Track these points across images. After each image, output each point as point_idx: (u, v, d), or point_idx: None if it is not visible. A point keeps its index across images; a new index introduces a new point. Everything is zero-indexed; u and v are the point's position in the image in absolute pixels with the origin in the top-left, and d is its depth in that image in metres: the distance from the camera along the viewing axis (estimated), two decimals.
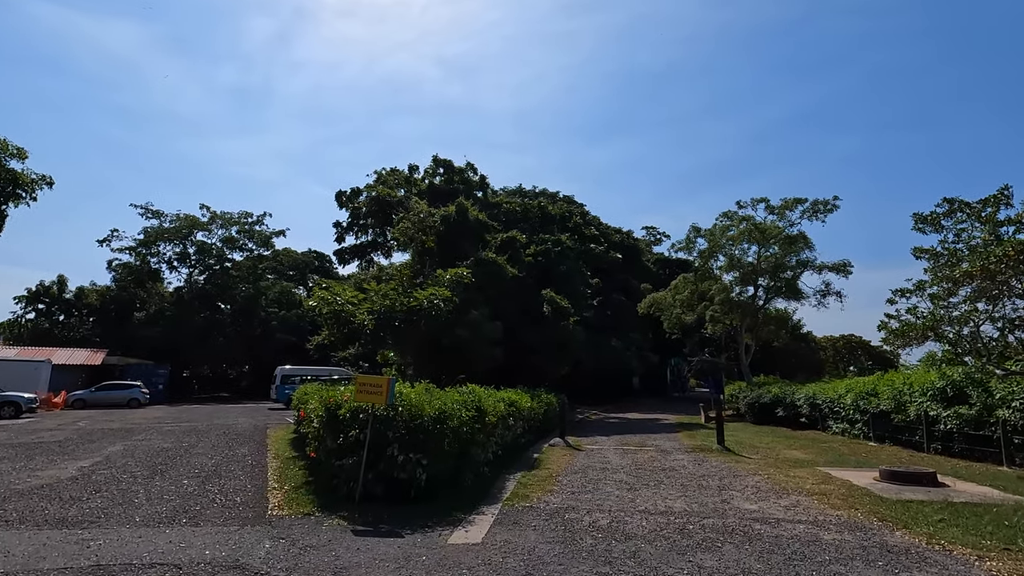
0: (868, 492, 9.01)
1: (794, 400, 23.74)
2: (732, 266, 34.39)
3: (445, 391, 10.37)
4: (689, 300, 35.47)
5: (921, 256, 16.60)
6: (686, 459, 13.46)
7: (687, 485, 9.94)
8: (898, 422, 16.33)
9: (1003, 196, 14.54)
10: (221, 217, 61.78)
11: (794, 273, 33.28)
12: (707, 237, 35.12)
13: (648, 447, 15.98)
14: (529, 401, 16.19)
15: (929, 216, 15.62)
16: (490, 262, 23.28)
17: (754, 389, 27.98)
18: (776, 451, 15.58)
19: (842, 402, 19.55)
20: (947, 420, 14.38)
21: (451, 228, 25.27)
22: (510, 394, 14.17)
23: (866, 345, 71.69)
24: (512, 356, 25.02)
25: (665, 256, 67.13)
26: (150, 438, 17.25)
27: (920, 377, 16.19)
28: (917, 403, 15.64)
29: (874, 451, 15.58)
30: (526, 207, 35.40)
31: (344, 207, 32.91)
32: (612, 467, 12.02)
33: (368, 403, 8.12)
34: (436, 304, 16.90)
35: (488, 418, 10.39)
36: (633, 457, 13.70)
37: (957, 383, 14.73)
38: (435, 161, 35.81)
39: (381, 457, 8.04)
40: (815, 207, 32.28)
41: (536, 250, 29.44)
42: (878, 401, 17.29)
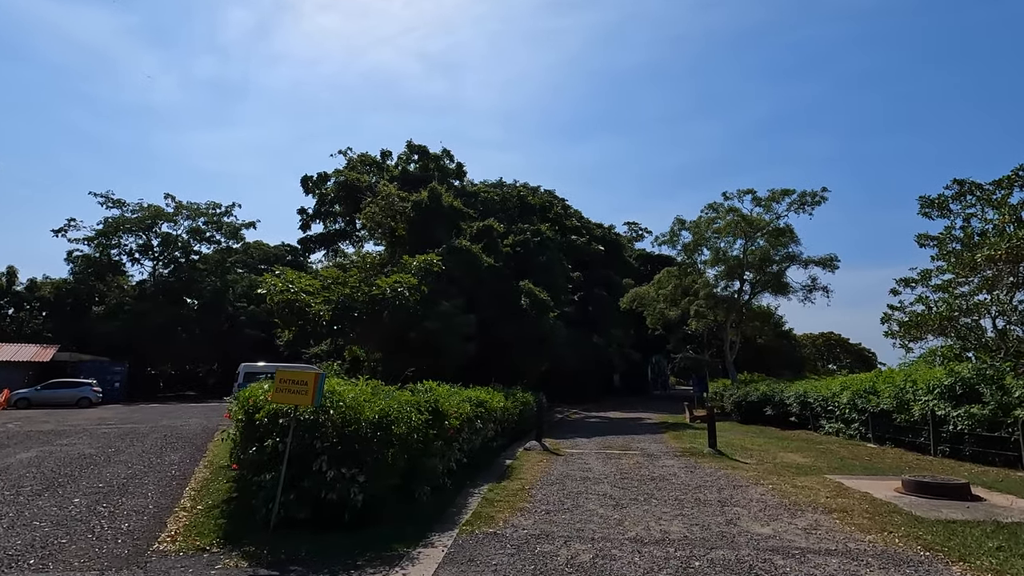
0: (897, 509, 7.61)
1: (783, 398, 22.57)
2: (717, 260, 33.24)
3: (400, 389, 8.71)
4: (673, 295, 34.23)
5: (926, 244, 15.42)
6: (676, 465, 12.01)
7: (682, 500, 8.45)
8: (900, 422, 15.14)
9: (1017, 177, 13.35)
10: (187, 207, 59.00)
11: (780, 267, 32.27)
12: (692, 230, 33.90)
13: (633, 451, 14.53)
14: (502, 401, 14.61)
15: (936, 199, 14.42)
16: (464, 250, 21.62)
17: (740, 387, 26.81)
18: (772, 454, 14.25)
19: (837, 401, 18.36)
20: (957, 420, 13.17)
21: (423, 215, 23.54)
22: (479, 393, 12.58)
23: (845, 343, 71.75)
24: (487, 351, 23.43)
25: (647, 252, 66.12)
26: (75, 443, 15.24)
27: (924, 374, 15.01)
28: (922, 402, 14.43)
29: (877, 454, 14.35)
30: (505, 196, 33.78)
31: (310, 193, 30.89)
32: (594, 476, 10.50)
33: (289, 404, 6.44)
34: (401, 293, 15.23)
35: (449, 421, 8.78)
36: (617, 463, 12.21)
37: (967, 380, 13.54)
38: (409, 147, 33.96)
39: (306, 472, 6.37)
40: (802, 199, 31.27)
41: (514, 240, 27.86)
42: (878, 400, 16.08)
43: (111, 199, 56.25)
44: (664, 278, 34.74)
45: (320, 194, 30.12)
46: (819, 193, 30.59)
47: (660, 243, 36.21)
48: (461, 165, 34.55)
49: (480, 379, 19.98)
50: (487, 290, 23.75)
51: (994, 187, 13.58)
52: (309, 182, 30.16)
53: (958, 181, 14.09)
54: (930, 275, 14.77)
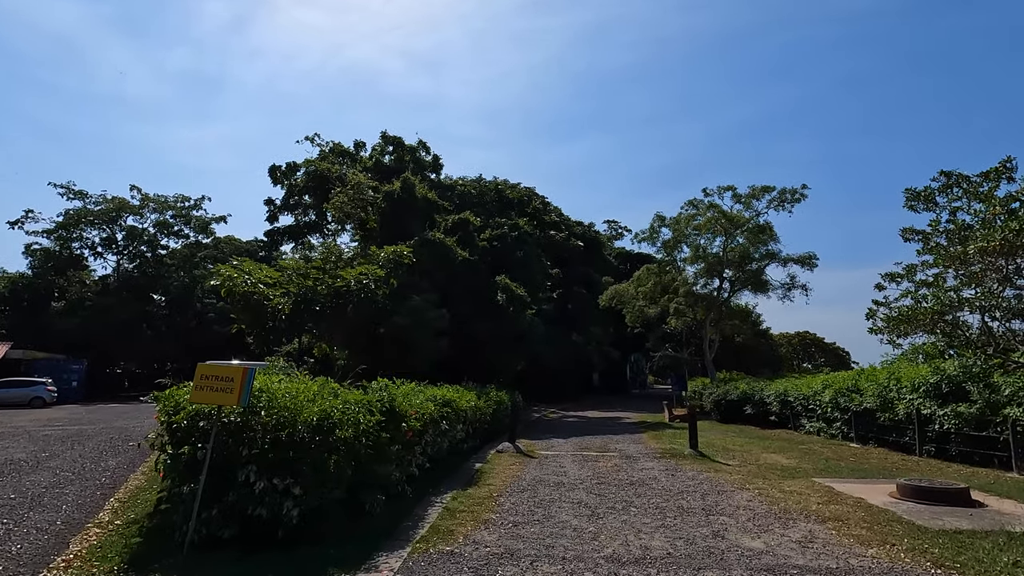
0: (896, 517, 6.99)
1: (763, 397, 22.19)
2: (697, 257, 32.87)
3: (354, 388, 7.82)
4: (652, 292, 33.77)
5: (911, 238, 15.00)
6: (657, 468, 11.32)
7: (664, 508, 7.72)
8: (884, 421, 14.70)
9: (1005, 169, 12.98)
10: (154, 200, 56.90)
11: (759, 265, 32.03)
12: (672, 226, 33.48)
13: (611, 452, 13.82)
14: (474, 400, 13.78)
15: (923, 192, 13.99)
16: (437, 243, 20.68)
17: (720, 386, 26.41)
18: (754, 455, 13.68)
19: (818, 399, 17.94)
20: (944, 420, 12.74)
21: (395, 206, 22.55)
22: (446, 391, 11.72)
23: (820, 342, 72.57)
24: (462, 349, 22.57)
25: (627, 250, 65.87)
26: (8, 446, 13.96)
27: (909, 372, 14.60)
28: (907, 401, 14.01)
29: (860, 454, 13.88)
30: (482, 190, 32.87)
31: (279, 184, 29.54)
32: (569, 481, 9.73)
33: (212, 405, 5.53)
34: (366, 286, 14.27)
35: (408, 423, 7.91)
36: (594, 466, 11.47)
37: (954, 378, 13.12)
38: (384, 138, 32.84)
39: (231, 484, 5.46)
40: (782, 196, 31.01)
41: (491, 234, 27.01)
42: (861, 399, 15.65)
43: (72, 190, 53.94)
44: (644, 275, 34.26)
45: (289, 185, 28.85)
46: (799, 190, 30.38)
47: (640, 240, 35.75)
48: (438, 158, 33.54)
49: (454, 377, 19.12)
50: (462, 285, 22.88)
51: (981, 179, 13.19)
52: (278, 172, 28.83)
53: (945, 173, 13.69)
54: (915, 270, 14.33)
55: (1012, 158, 12.89)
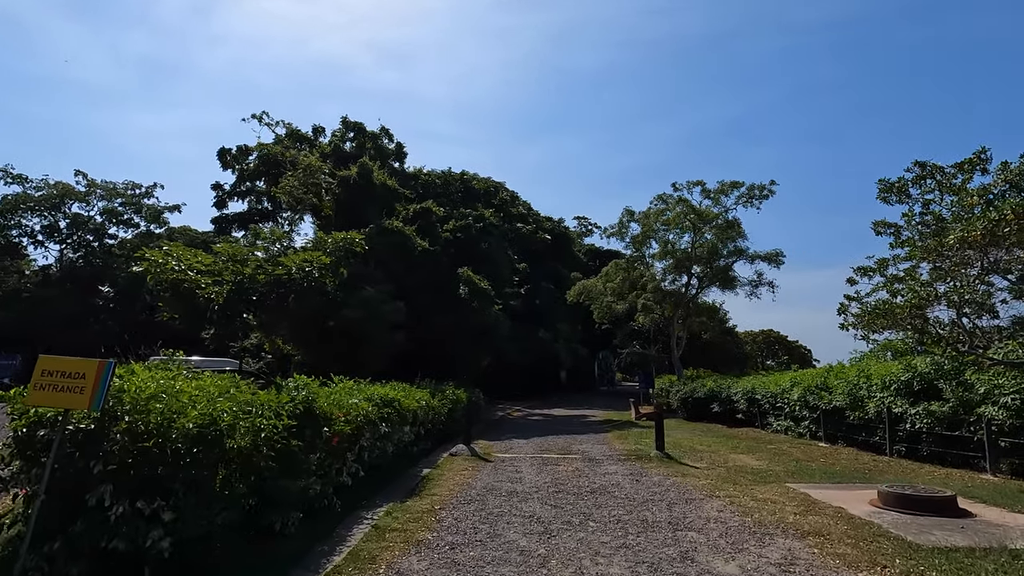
0: (882, 531, 6.24)
1: (730, 395, 21.73)
2: (666, 252, 32.41)
3: (277, 387, 6.67)
4: (620, 288, 33.18)
5: (883, 232, 14.57)
6: (620, 472, 10.47)
7: (626, 522, 6.83)
8: (854, 420, 14.24)
9: (979, 160, 12.57)
10: (102, 187, 53.74)
11: (727, 262, 31.77)
12: (641, 221, 32.94)
13: (573, 454, 12.94)
14: (425, 399, 12.71)
15: (896, 183, 13.53)
16: (395, 232, 19.45)
17: (687, 383, 25.94)
18: (722, 456, 13.00)
19: (786, 397, 17.47)
20: (915, 419, 12.28)
21: (352, 193, 21.21)
22: (391, 390, 10.62)
23: (783, 340, 73.64)
24: (421, 344, 21.44)
25: (596, 247, 65.57)
26: None
27: (880, 369, 14.17)
28: (877, 399, 13.55)
29: (830, 455, 13.35)
30: (447, 180, 31.67)
31: (229, 168, 27.72)
32: (524, 489, 8.78)
33: (57, 408, 4.35)
34: (310, 274, 13.03)
35: (335, 427, 6.82)
36: (554, 471, 10.55)
37: (925, 375, 12.68)
38: (345, 124, 31.27)
39: (79, 509, 4.29)
40: (751, 192, 30.77)
41: (455, 225, 25.88)
42: (831, 397, 15.18)
43: (10, 174, 50.46)
44: (612, 271, 33.66)
45: (241, 170, 27.11)
46: (767, 186, 30.15)
47: (608, 235, 35.11)
48: (401, 146, 32.16)
49: (412, 374, 18.03)
50: (422, 277, 21.74)
51: (956, 170, 12.76)
52: (228, 155, 27.00)
53: (919, 163, 13.25)
54: (887, 264, 13.86)
55: (986, 149, 12.49)
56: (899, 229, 14.20)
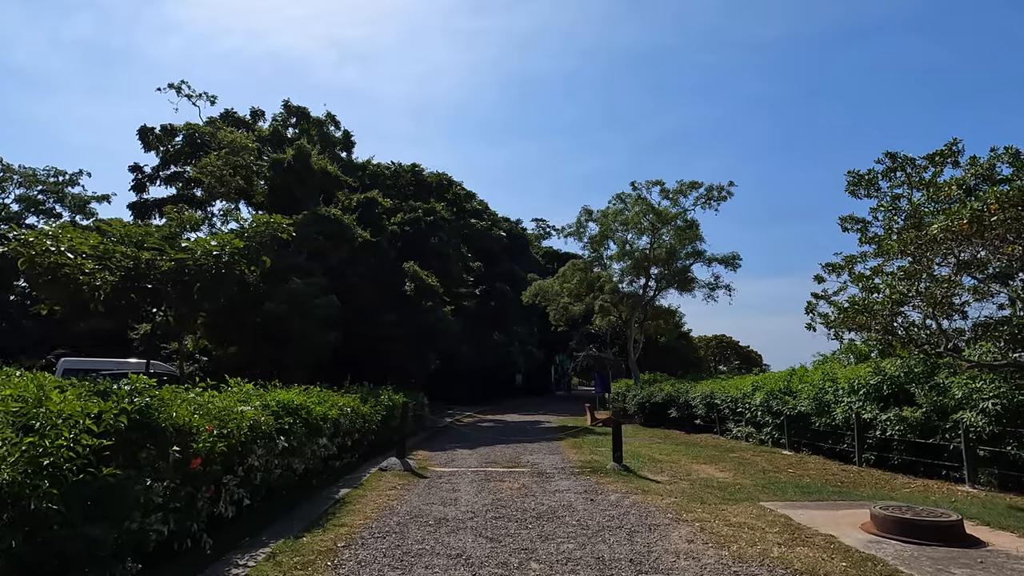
0: (891, 569, 5.07)
1: (688, 400, 20.85)
2: (624, 254, 31.60)
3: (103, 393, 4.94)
4: (577, 289, 32.13)
5: (850, 228, 13.86)
6: (573, 490, 9.11)
7: (578, 560, 5.44)
8: (820, 426, 13.41)
9: (950, 152, 11.93)
10: (19, 172, 49.08)
11: (684, 265, 31.20)
12: (599, 221, 32.06)
13: (522, 467, 11.53)
14: (352, 404, 11.03)
15: (866, 175, 12.80)
16: (333, 220, 17.61)
17: (644, 387, 25.01)
18: (684, 467, 11.88)
19: (748, 402, 16.63)
20: (886, 425, 11.47)
21: (286, 178, 19.21)
22: (298, 395, 8.91)
23: (735, 345, 74.71)
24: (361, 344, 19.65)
25: (555, 249, 64.84)
26: None
27: (847, 372, 13.40)
28: (845, 404, 12.74)
29: (797, 464, 12.42)
30: (397, 172, 29.85)
31: (152, 149, 24.95)
32: (457, 515, 7.28)
33: None
34: (219, 259, 11.12)
35: (200, 444, 5.17)
36: (496, 489, 9.09)
37: (896, 379, 11.93)
38: (287, 108, 29.04)
39: None
40: (709, 193, 30.31)
41: (404, 218, 24.14)
42: (795, 402, 14.35)
43: None
44: (569, 271, 32.57)
45: (165, 151, 24.51)
46: (725, 187, 29.73)
47: (566, 235, 34.10)
48: (349, 134, 30.11)
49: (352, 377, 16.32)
50: (365, 272, 19.94)
51: (927, 162, 12.09)
52: (150, 135, 24.25)
53: (890, 154, 12.58)
54: (855, 260, 13.10)
55: (958, 140, 11.91)
56: (867, 224, 13.48)
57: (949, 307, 11.57)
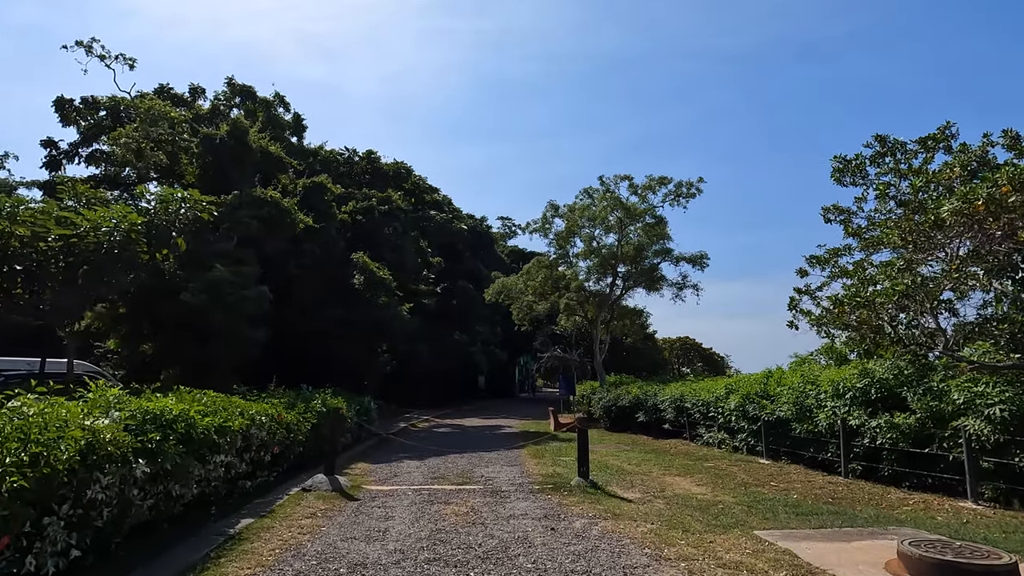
0: None
1: (657, 403, 19.71)
2: (591, 252, 30.45)
3: None
4: (542, 287, 30.79)
5: (832, 219, 12.85)
6: (532, 515, 7.63)
7: None
8: (801, 433, 12.34)
9: (943, 137, 11.01)
10: None
11: (651, 263, 30.25)
12: (566, 217, 30.82)
13: (474, 483, 10.00)
14: (274, 412, 9.29)
15: (854, 160, 11.78)
16: (268, 202, 15.64)
17: (611, 390, 23.83)
18: (657, 480, 10.58)
19: (721, 406, 15.53)
20: (876, 433, 10.42)
21: (221, 156, 17.10)
22: (181, 401, 7.14)
23: (699, 347, 74.89)
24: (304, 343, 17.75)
25: (520, 248, 63.56)
26: None
27: (830, 374, 12.36)
28: (829, 409, 11.69)
29: (778, 475, 11.29)
30: (351, 158, 27.86)
31: (71, 123, 22.08)
32: (381, 556, 5.70)
33: None
34: (109, 237, 9.20)
35: None
36: (438, 516, 7.54)
37: (885, 382, 10.91)
38: (231, 86, 26.69)
39: None
40: (678, 190, 29.43)
41: (356, 207, 22.26)
42: (773, 406, 13.27)
43: None
44: (534, 268, 31.20)
45: (86, 127, 21.88)
46: (695, 184, 28.89)
47: (531, 231, 32.66)
48: (300, 118, 27.94)
49: (277, 379, 14.48)
50: (308, 263, 18.05)
51: (919, 147, 11.13)
52: (68, 107, 21.49)
53: (879, 137, 11.61)
54: (839, 253, 12.08)
55: (952, 123, 10.96)
56: (851, 215, 12.49)
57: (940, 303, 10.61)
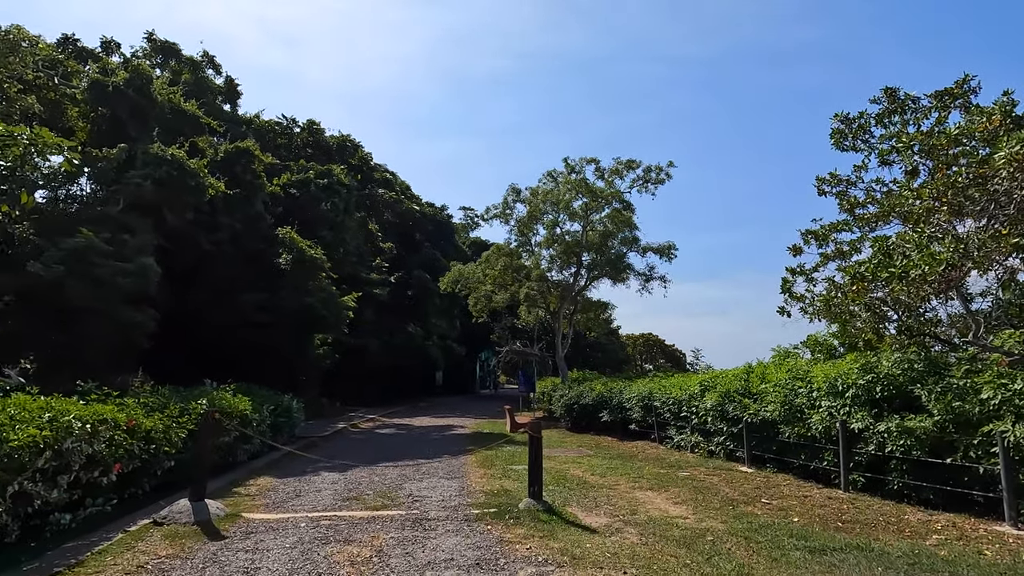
0: None
1: (623, 401, 17.89)
2: (553, 240, 28.50)
3: None
4: (502, 277, 28.69)
5: (828, 191, 11.20)
6: (459, 562, 5.49)
7: None
8: (790, 437, 10.62)
9: (962, 92, 9.37)
10: None
11: (618, 252, 28.51)
12: (528, 201, 28.78)
13: (395, 507, 7.80)
14: (124, 418, 6.87)
15: (857, 120, 10.05)
16: (169, 162, 12.85)
17: (572, 387, 21.92)
18: (628, 499, 8.62)
19: (695, 405, 13.76)
20: (885, 438, 8.73)
21: (115, 106, 14.22)
22: None
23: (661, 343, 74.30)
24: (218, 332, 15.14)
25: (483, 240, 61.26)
26: None
27: (824, 369, 10.65)
28: (825, 409, 9.97)
29: (767, 488, 9.51)
30: (290, 127, 25.00)
31: None
32: None
33: None
34: None
35: None
36: (328, 566, 5.32)
37: (893, 378, 9.24)
38: (151, 42, 23.45)
39: None
40: (647, 175, 27.77)
41: (290, 179, 19.59)
42: (757, 406, 11.52)
43: None
44: (493, 256, 29.05)
45: None
46: (664, 168, 27.29)
47: (492, 216, 30.57)
48: (233, 82, 24.88)
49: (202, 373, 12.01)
50: (225, 238, 15.41)
51: (935, 102, 9.46)
52: None
53: (889, 91, 9.91)
54: (837, 228, 10.37)
55: (971, 76, 9.32)
56: (849, 185, 10.82)
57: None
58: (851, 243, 10.92)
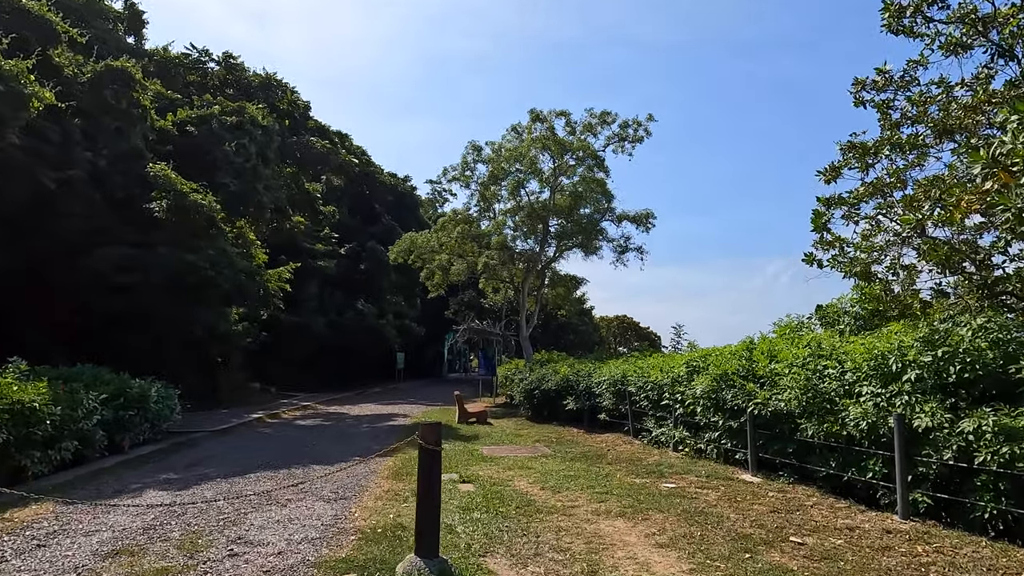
0: None
1: (591, 386, 14.88)
2: (519, 208, 25.19)
3: None
4: (459, 245, 25.33)
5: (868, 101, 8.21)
6: None
7: None
8: (815, 437, 7.65)
9: None
10: None
11: (590, 219, 25.31)
12: (490, 160, 25.32)
13: (182, 572, 4.56)
14: None
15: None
16: None
17: (534, 369, 18.86)
18: (587, 536, 5.54)
19: (680, 392, 10.74)
20: (969, 442, 5.79)
21: None
22: None
23: (636, 326, 72.01)
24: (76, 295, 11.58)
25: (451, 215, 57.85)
26: None
27: (867, 342, 7.67)
28: (868, 398, 7.02)
29: (790, 514, 6.54)
30: (201, 60, 20.93)
31: None
32: None
33: None
34: None
35: None
36: None
37: (973, 354, 6.30)
38: None
39: None
40: (623, 133, 24.55)
41: (187, 115, 15.81)
42: (768, 393, 8.52)
43: None
44: (449, 222, 25.63)
45: None
46: (643, 123, 24.08)
47: (451, 179, 27.02)
48: (137, 7, 20.74)
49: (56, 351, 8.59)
50: (80, 176, 11.72)
51: None
52: None
53: None
54: (881, 146, 7.31)
55: None
56: (898, 88, 7.75)
57: None
58: (895, 172, 7.92)
